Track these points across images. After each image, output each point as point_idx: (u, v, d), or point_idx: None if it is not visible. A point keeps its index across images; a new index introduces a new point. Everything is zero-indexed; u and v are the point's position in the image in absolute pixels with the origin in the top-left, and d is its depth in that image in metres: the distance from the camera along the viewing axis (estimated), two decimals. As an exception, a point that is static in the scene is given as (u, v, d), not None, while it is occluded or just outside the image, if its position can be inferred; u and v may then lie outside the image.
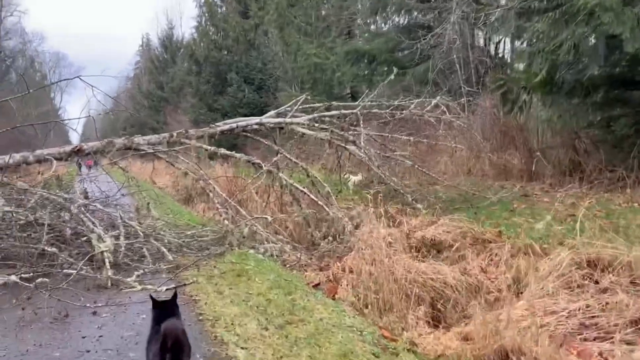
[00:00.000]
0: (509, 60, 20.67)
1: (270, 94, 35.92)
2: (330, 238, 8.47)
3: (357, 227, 8.49)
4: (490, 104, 14.50)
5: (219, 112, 35.33)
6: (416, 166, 10.10)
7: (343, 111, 10.62)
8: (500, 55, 20.81)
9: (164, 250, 6.97)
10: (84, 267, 6.09)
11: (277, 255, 7.75)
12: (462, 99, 12.57)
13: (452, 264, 6.71)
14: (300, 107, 10.67)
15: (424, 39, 19.60)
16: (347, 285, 6.40)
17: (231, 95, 36.89)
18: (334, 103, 11.33)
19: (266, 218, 8.39)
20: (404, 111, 10.48)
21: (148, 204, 8.74)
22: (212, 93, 38.52)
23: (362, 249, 7.19)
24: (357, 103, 11.05)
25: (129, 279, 5.97)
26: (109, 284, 5.97)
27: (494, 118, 13.77)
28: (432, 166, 13.59)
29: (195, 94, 40.02)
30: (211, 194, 8.58)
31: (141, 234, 7.33)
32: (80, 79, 7.92)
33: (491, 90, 13.22)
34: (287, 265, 7.65)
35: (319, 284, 6.74)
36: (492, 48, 20.91)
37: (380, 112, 10.57)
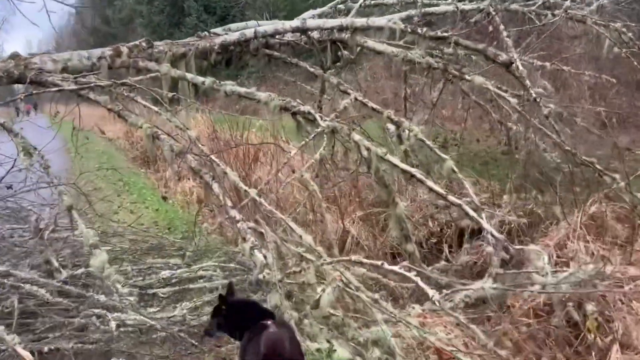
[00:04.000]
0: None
1: (236, 25, 31.04)
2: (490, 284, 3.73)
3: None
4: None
5: (176, 47, 30.26)
6: (575, 119, 5.26)
7: (462, 7, 5.47)
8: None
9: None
10: None
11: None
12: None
13: None
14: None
15: None
16: None
17: (189, 27, 31.97)
18: (421, -1, 6.13)
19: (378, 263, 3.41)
20: (557, 12, 5.58)
21: (70, 207, 3.76)
22: (166, 25, 34.01)
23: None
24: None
25: None
26: None
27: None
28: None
29: (147, 25, 34.96)
30: (215, 186, 3.64)
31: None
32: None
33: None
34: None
35: None
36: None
37: (523, 10, 5.58)
